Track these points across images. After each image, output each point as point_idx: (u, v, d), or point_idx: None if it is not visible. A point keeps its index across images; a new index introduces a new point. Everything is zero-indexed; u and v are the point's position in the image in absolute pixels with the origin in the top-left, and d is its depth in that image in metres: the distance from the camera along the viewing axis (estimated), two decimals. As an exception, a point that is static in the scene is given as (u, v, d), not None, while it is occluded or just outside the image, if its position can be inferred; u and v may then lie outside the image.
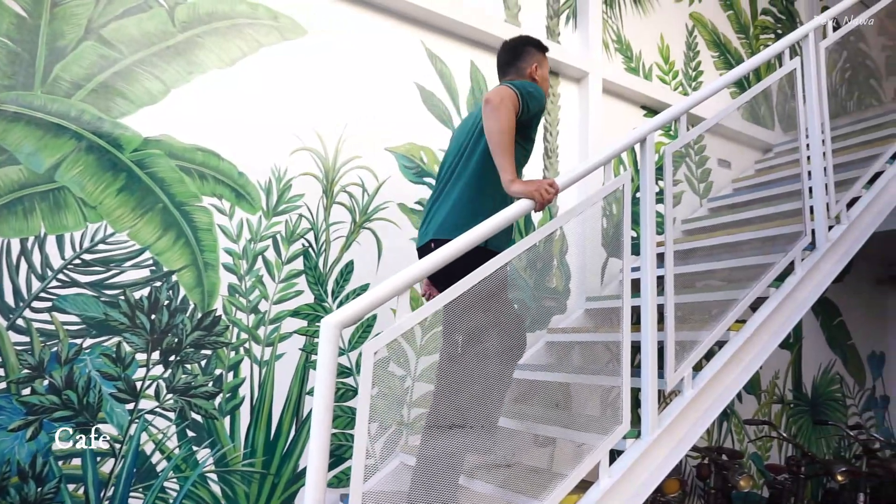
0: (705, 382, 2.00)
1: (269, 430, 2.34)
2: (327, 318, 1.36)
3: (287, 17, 2.57)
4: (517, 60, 2.11)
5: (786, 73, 2.56)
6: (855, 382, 4.93)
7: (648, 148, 1.96)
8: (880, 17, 3.38)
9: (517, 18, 3.24)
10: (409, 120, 2.82)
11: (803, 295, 2.41)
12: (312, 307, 2.48)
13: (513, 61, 2.11)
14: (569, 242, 3.14)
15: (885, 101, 3.89)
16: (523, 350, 1.93)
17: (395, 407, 2.56)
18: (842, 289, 4.91)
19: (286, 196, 2.47)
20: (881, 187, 2.84)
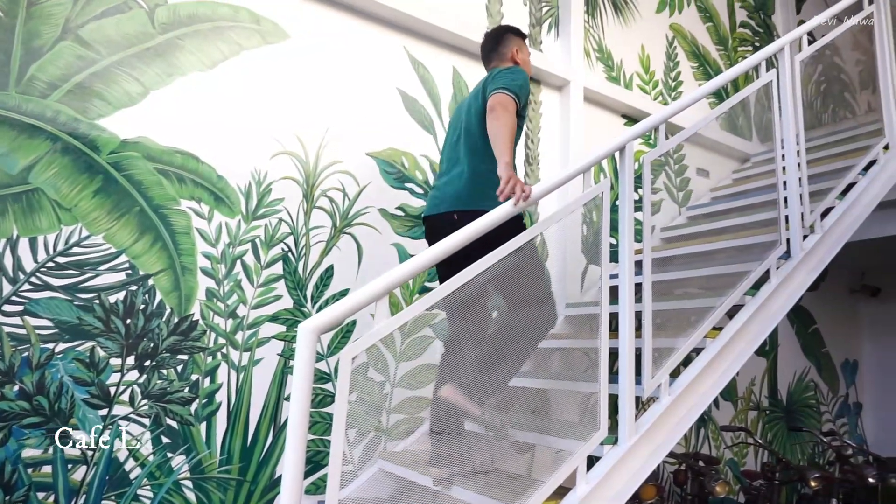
0: (682, 389, 2.02)
1: (245, 436, 2.31)
2: (304, 323, 1.35)
3: (269, 20, 2.56)
4: (499, 46, 2.31)
5: (762, 84, 2.61)
6: (829, 389, 5.01)
7: (627, 156, 1.98)
8: (853, 32, 3.46)
9: (500, 26, 3.26)
10: (390, 125, 2.82)
11: (778, 303, 2.45)
12: (291, 312, 2.46)
13: (495, 47, 2.32)
14: (549, 249, 3.15)
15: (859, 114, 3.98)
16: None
17: (374, 413, 2.54)
18: (816, 297, 5.00)
19: (266, 200, 2.46)
20: (854, 198, 2.90)
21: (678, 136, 2.26)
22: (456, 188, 2.10)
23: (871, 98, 3.45)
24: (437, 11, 2.94)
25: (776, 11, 5.13)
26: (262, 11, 2.55)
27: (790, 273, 2.49)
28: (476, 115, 2.13)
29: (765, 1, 5.05)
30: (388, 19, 2.87)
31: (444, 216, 2.09)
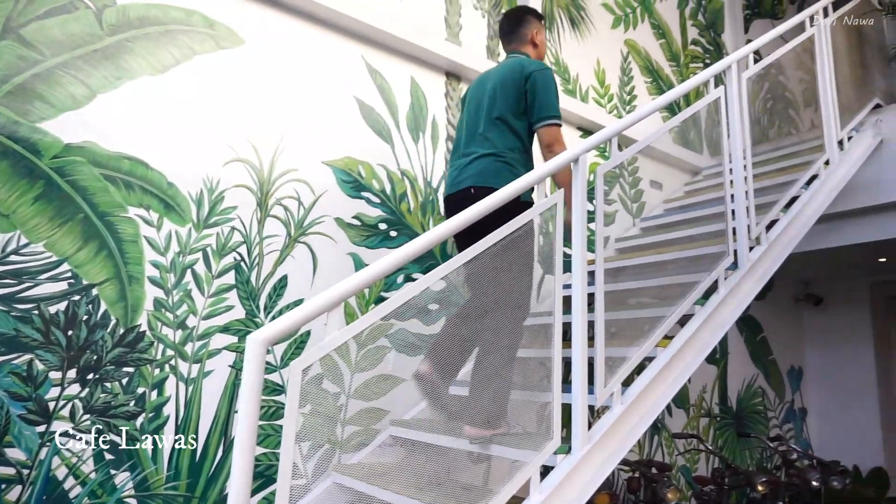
0: (634, 398, 2.06)
1: (194, 450, 2.24)
2: (253, 334, 1.32)
3: (224, 25, 2.52)
4: (519, 27, 2.43)
5: (711, 100, 2.69)
6: (776, 396, 5.18)
7: (581, 168, 2.01)
8: (797, 53, 3.61)
9: (458, 37, 3.28)
10: (347, 134, 2.80)
11: (726, 312, 2.52)
12: (243, 323, 2.41)
13: (515, 29, 2.43)
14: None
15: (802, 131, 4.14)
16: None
17: (329, 425, 2.50)
18: (764, 306, 5.17)
19: (218, 208, 2.40)
20: (797, 211, 3.01)
21: (631, 149, 2.30)
22: (478, 166, 2.18)
23: (813, 115, 3.60)
24: (395, 21, 2.94)
25: (726, 30, 5.31)
26: (217, 16, 2.50)
27: (737, 283, 2.56)
28: (510, 101, 2.21)
29: (715, 20, 5.23)
30: (345, 27, 2.86)
31: (463, 192, 2.17)
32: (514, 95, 2.22)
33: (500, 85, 2.27)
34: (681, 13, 4.88)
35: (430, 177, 3.04)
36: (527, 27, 2.43)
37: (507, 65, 2.33)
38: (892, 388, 5.40)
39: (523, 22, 2.44)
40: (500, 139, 2.21)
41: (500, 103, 2.23)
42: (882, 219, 3.92)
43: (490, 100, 2.27)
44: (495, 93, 2.26)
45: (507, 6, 3.55)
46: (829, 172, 3.34)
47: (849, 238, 4.07)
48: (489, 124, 2.24)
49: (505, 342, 2.02)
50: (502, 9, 3.53)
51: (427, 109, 3.09)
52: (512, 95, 2.22)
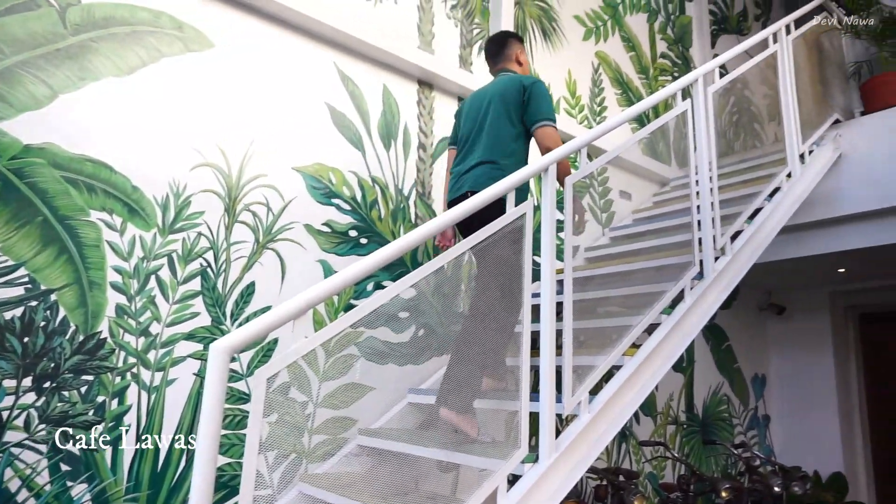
0: (601, 406, 2.07)
1: (156, 461, 2.19)
2: (216, 342, 1.29)
3: (192, 27, 2.49)
4: (504, 49, 2.69)
5: (678, 113, 2.74)
6: (740, 403, 5.27)
7: (550, 177, 2.03)
8: (762, 68, 3.70)
9: (430, 46, 3.29)
10: (318, 140, 2.78)
11: (692, 321, 2.56)
12: (209, 330, 2.36)
13: (501, 51, 2.69)
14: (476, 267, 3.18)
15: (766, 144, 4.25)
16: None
17: (295, 434, 2.47)
18: (729, 315, 5.27)
19: (184, 213, 2.36)
20: (760, 222, 3.09)
21: (599, 160, 2.34)
22: (475, 173, 2.40)
23: (776, 129, 3.69)
24: (368, 28, 2.94)
25: (694, 45, 5.43)
26: (186, 18, 2.47)
27: (703, 293, 2.61)
28: (503, 115, 2.43)
29: (683, 35, 5.34)
30: (318, 33, 2.84)
31: (463, 196, 2.33)
32: (513, 107, 2.43)
33: (499, 98, 2.47)
34: (650, 27, 4.98)
35: (401, 184, 3.03)
36: (510, 48, 2.69)
37: (503, 80, 2.54)
38: (850, 395, 5.55)
39: (507, 44, 2.70)
40: (498, 149, 2.41)
41: (500, 115, 2.44)
42: (841, 231, 4.03)
43: (488, 113, 2.47)
44: (494, 106, 2.46)
45: (479, 17, 3.58)
46: (791, 185, 3.43)
47: (809, 249, 4.18)
48: (488, 135, 2.44)
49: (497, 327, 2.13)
50: (475, 18, 3.55)
51: (399, 117, 3.09)
52: (511, 107, 2.43)
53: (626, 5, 4.75)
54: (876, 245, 3.89)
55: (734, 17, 6.00)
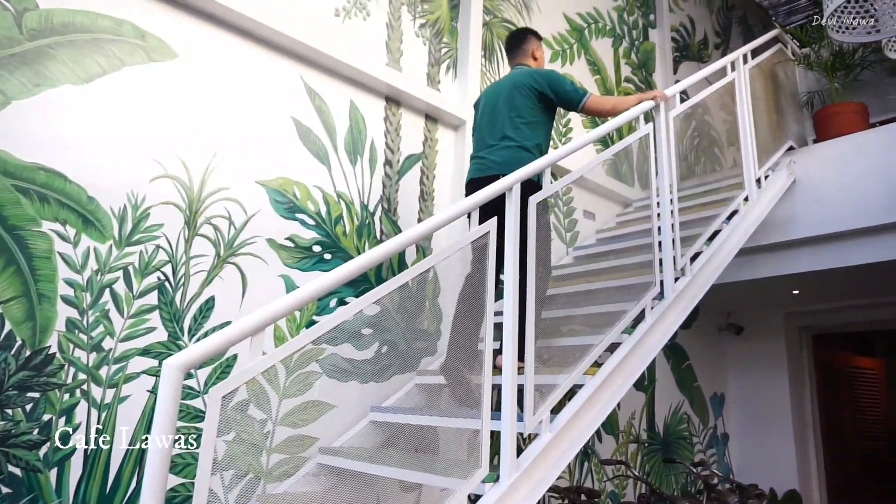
0: (562, 425, 2.07)
1: (105, 481, 2.10)
2: (169, 359, 1.26)
3: (156, 37, 2.45)
4: (522, 44, 2.96)
5: (640, 136, 2.80)
6: (700, 422, 5.35)
7: (514, 197, 2.04)
8: (720, 94, 3.82)
9: (399, 63, 3.31)
10: (283, 154, 2.75)
11: (653, 341, 2.59)
12: (165, 345, 2.30)
13: (519, 45, 2.96)
14: (441, 285, 3.18)
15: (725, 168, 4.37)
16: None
17: (253, 453, 2.40)
18: (690, 335, 5.37)
19: (142, 225, 2.30)
20: (719, 244, 3.16)
21: (563, 180, 2.36)
22: (503, 156, 2.61)
23: (735, 154, 3.81)
24: (336, 44, 2.94)
25: (657, 70, 5.58)
26: (149, 27, 2.43)
27: (663, 313, 2.65)
28: (523, 103, 2.68)
29: (647, 60, 5.49)
30: (285, 47, 2.83)
31: (490, 178, 2.44)
32: (528, 95, 2.69)
33: (515, 89, 2.72)
34: (615, 51, 5.10)
35: (366, 200, 3.02)
36: (528, 43, 2.97)
37: (518, 73, 2.81)
38: (804, 413, 5.69)
39: (525, 39, 2.97)
40: (518, 134, 2.66)
41: (514, 104, 2.69)
42: (795, 253, 4.16)
43: (507, 102, 2.71)
44: (509, 95, 2.72)
45: (447, 36, 3.61)
46: (748, 208, 3.53)
47: (765, 271, 4.30)
48: (504, 122, 2.69)
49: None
50: (443, 37, 3.59)
51: (366, 133, 3.08)
52: (526, 96, 2.69)
53: (591, 30, 4.86)
54: (827, 268, 4.02)
55: (695, 44, 6.20)
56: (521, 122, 2.66)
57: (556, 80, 2.73)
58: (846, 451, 6.19)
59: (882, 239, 3.79)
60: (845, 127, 4.32)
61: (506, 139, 2.66)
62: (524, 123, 2.66)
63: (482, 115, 2.85)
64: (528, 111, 2.68)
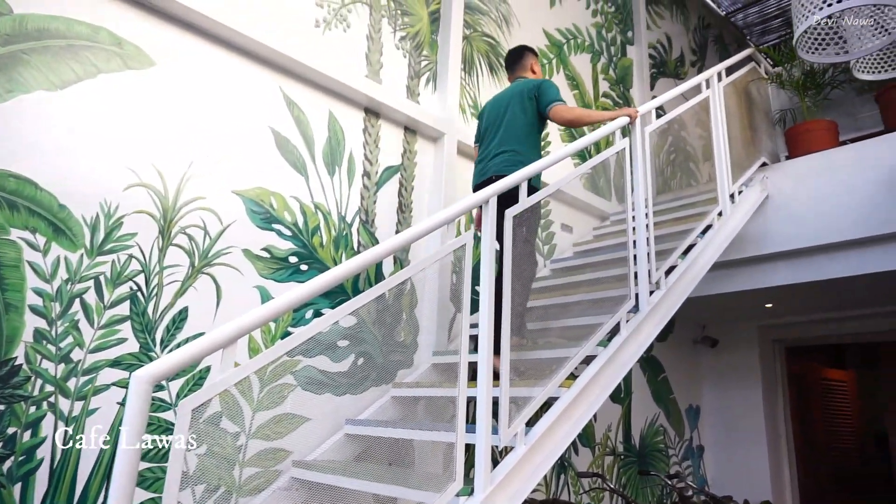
0: (537, 438, 2.08)
1: (71, 496, 2.05)
2: (138, 371, 1.24)
3: (133, 45, 2.43)
4: (521, 59, 3.24)
5: (617, 151, 2.84)
6: (675, 434, 5.40)
7: (490, 210, 2.05)
8: (696, 111, 3.89)
9: (378, 75, 3.32)
10: (260, 164, 2.74)
11: (627, 354, 2.61)
12: (136, 356, 2.26)
13: (518, 60, 3.24)
14: (418, 296, 3.18)
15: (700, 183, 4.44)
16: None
17: (225, 467, 2.37)
18: (665, 348, 5.42)
19: (115, 234, 2.27)
20: (693, 258, 3.20)
21: (539, 193, 2.38)
22: (502, 160, 2.86)
23: (710, 169, 3.87)
24: (316, 55, 2.94)
25: (634, 86, 5.67)
26: (126, 35, 2.41)
27: (638, 326, 2.67)
28: (520, 112, 2.94)
29: (625, 76, 5.57)
30: (264, 57, 2.82)
31: (491, 179, 2.74)
32: (528, 105, 2.94)
33: (516, 100, 2.97)
34: (593, 67, 5.17)
35: (344, 211, 3.01)
36: (526, 59, 3.23)
37: (518, 84, 3.06)
38: (777, 424, 5.77)
39: (524, 56, 3.24)
40: (515, 140, 2.89)
41: (515, 113, 2.94)
42: (768, 268, 4.23)
43: (506, 111, 2.97)
44: (512, 105, 2.96)
45: (427, 49, 3.64)
46: (722, 223, 3.58)
47: (739, 285, 4.37)
48: (506, 129, 2.93)
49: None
50: (423, 50, 3.61)
51: (344, 144, 3.08)
52: (525, 105, 2.94)
53: (570, 46, 4.92)
54: (799, 282, 4.10)
55: (672, 61, 6.31)
56: (520, 131, 2.91)
57: (544, 87, 2.94)
58: (819, 462, 6.28)
59: (852, 254, 3.88)
60: (816, 144, 4.42)
61: (506, 146, 2.91)
62: (523, 130, 2.91)
63: (486, 124, 3.08)
64: (527, 118, 2.93)
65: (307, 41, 3.01)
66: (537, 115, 2.95)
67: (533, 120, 2.94)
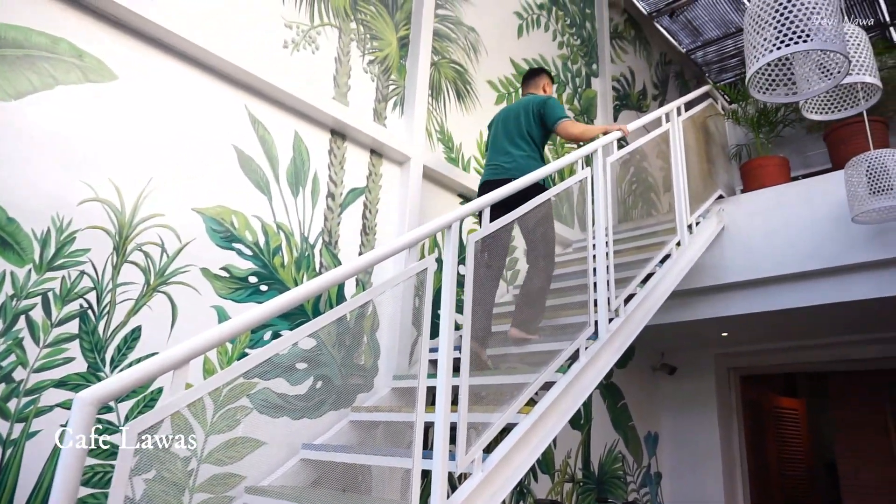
0: (494, 465, 2.07)
1: (5, 526, 1.95)
2: (81, 392, 1.19)
3: (94, 57, 2.39)
4: (536, 78, 3.66)
5: (578, 180, 2.90)
6: (634, 461, 5.43)
7: (453, 234, 2.07)
8: (657, 143, 4.01)
9: (346, 98, 3.33)
10: (222, 182, 2.70)
11: (586, 380, 2.63)
12: (84, 377, 2.18)
13: (534, 78, 3.66)
14: (380, 319, 3.15)
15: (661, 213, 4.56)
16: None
17: (174, 493, 2.29)
18: (625, 374, 5.48)
19: (67, 249, 2.20)
20: (652, 286, 3.26)
21: (502, 219, 2.40)
22: (514, 164, 3.25)
23: (669, 200, 3.97)
24: (283, 75, 2.94)
25: (598, 117, 5.81)
26: (87, 47, 2.37)
27: (597, 353, 2.70)
28: (527, 121, 3.35)
29: (589, 106, 5.71)
30: (230, 75, 2.81)
31: (503, 181, 2.98)
32: (533, 117, 3.35)
33: (523, 111, 3.39)
34: (559, 97, 5.29)
35: (307, 232, 2.98)
36: (540, 79, 3.65)
37: (528, 98, 3.48)
38: (732, 451, 5.87)
39: (540, 76, 3.66)
40: (527, 147, 3.31)
41: (524, 124, 3.35)
42: (724, 297, 4.35)
43: (516, 121, 3.38)
44: (520, 116, 3.38)
45: (396, 74, 3.67)
46: (680, 253, 3.67)
47: (696, 313, 4.47)
48: (518, 137, 3.33)
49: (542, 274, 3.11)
50: (392, 75, 3.64)
51: (309, 164, 3.07)
52: (530, 118, 3.35)
53: (536, 75, 5.03)
54: (753, 312, 4.21)
55: (635, 94, 6.50)
56: (527, 137, 3.32)
57: (549, 105, 3.35)
58: (772, 490, 6.40)
59: (803, 285, 4.01)
60: (769, 179, 4.59)
61: (515, 149, 3.31)
62: (530, 137, 3.33)
63: (497, 129, 3.47)
64: (532, 128, 3.34)
65: (275, 61, 3.00)
66: (542, 127, 3.35)
67: (538, 130, 3.35)
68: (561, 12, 5.51)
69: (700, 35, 7.33)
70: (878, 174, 3.31)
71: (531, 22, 5.09)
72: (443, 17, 4.15)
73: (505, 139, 3.38)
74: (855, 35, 2.99)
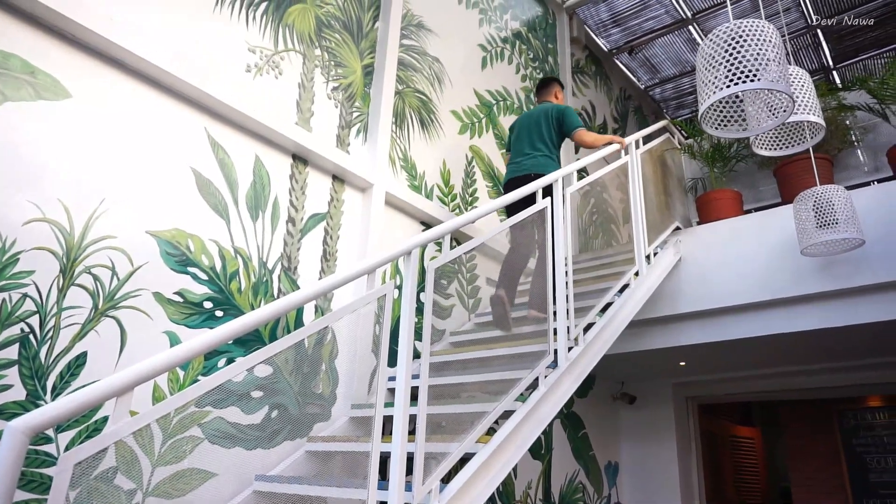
0: (452, 495, 2.03)
1: (-71, 565, 1.82)
2: (13, 421, 1.13)
3: (48, 75, 2.33)
4: (548, 87, 4.19)
5: (538, 209, 2.93)
6: (595, 491, 5.42)
7: (413, 261, 2.06)
8: (616, 175, 4.09)
9: (308, 123, 3.32)
10: (179, 204, 2.65)
11: (546, 409, 2.63)
12: (22, 405, 2.07)
13: (546, 87, 4.20)
14: (339, 347, 3.10)
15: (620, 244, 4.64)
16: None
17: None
18: (586, 404, 5.50)
19: (8, 271, 2.11)
20: (611, 316, 3.30)
21: (462, 247, 2.41)
22: (534, 162, 3.73)
23: (629, 231, 4.05)
24: (245, 99, 2.92)
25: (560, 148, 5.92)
26: (41, 64, 2.32)
27: (556, 381, 2.70)
28: (546, 126, 3.84)
29: (550, 138, 5.83)
30: (190, 97, 2.77)
31: (524, 177, 3.64)
32: (550, 123, 3.84)
33: (542, 116, 3.88)
34: (521, 129, 5.38)
35: (266, 257, 2.94)
36: (552, 87, 4.18)
37: (545, 105, 3.98)
38: (690, 480, 5.91)
39: (552, 85, 4.19)
40: (545, 148, 3.79)
41: (543, 128, 3.84)
42: (680, 326, 4.42)
43: (536, 125, 3.86)
44: (540, 121, 3.87)
45: (360, 101, 3.68)
46: (638, 283, 3.73)
47: (654, 343, 4.53)
48: (538, 140, 3.81)
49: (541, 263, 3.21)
50: (356, 102, 3.65)
51: (270, 189, 3.03)
52: (549, 123, 3.84)
53: (500, 107, 5.12)
54: (708, 341, 4.29)
55: (595, 127, 6.66)
56: (546, 140, 3.80)
57: (567, 113, 3.84)
58: (729, 519, 6.45)
59: (757, 315, 4.11)
60: (723, 212, 4.73)
61: (535, 150, 3.78)
62: (549, 140, 3.81)
63: (518, 133, 3.95)
64: (550, 132, 3.82)
65: (237, 85, 2.98)
66: (559, 132, 3.85)
67: (555, 134, 3.84)
68: (524, 46, 5.65)
69: (658, 72, 7.60)
70: (824, 209, 3.44)
71: (495, 55, 5.20)
72: (408, 48, 4.21)
73: (526, 141, 3.86)
74: (799, 77, 3.14)
